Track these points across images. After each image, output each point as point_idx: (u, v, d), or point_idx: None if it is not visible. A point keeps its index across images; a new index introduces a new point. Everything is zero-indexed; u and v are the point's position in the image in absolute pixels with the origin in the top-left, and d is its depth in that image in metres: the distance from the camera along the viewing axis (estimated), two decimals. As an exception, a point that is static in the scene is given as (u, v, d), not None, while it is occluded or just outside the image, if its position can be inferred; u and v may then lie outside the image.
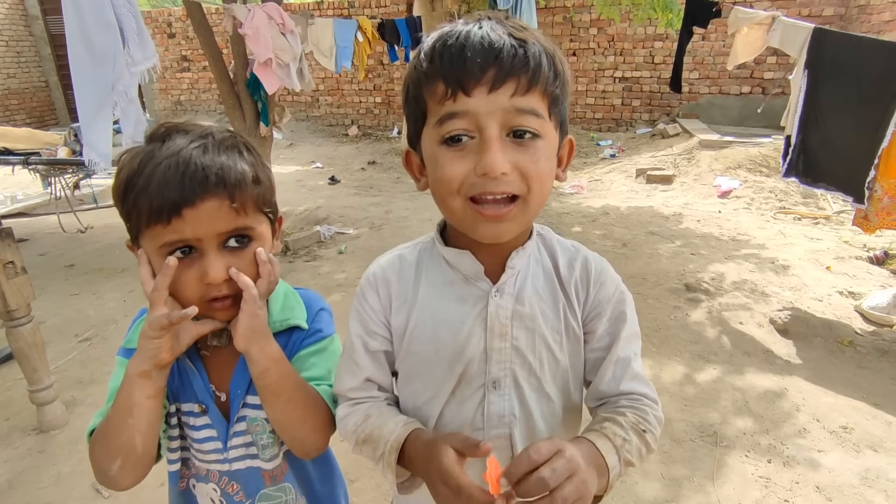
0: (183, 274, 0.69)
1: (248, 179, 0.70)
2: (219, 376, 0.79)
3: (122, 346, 0.79)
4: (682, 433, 2.05)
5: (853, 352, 2.60)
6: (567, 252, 0.74)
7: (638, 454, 0.65)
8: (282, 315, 0.80)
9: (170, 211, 0.65)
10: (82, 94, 2.32)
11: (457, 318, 0.69)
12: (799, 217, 4.75)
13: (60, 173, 4.13)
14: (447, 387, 0.70)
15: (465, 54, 0.58)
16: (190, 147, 0.67)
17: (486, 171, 0.58)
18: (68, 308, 3.18)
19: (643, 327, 2.82)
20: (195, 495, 0.83)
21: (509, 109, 0.58)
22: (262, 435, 0.79)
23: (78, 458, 1.95)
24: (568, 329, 0.71)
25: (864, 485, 1.79)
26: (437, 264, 0.72)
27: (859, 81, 2.82)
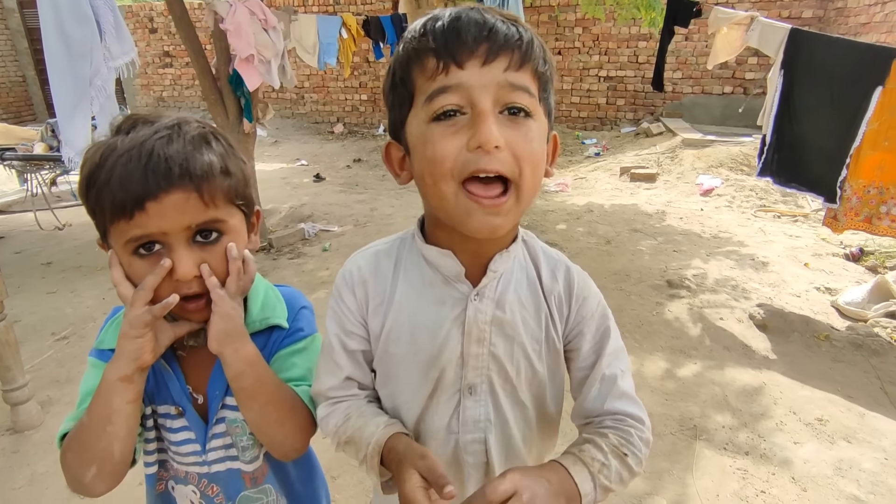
0: (149, 271, 0.66)
1: (216, 170, 0.67)
2: (196, 378, 0.77)
3: (95, 346, 0.76)
4: (662, 427, 2.08)
5: (829, 346, 2.66)
6: (551, 261, 0.72)
7: (618, 479, 0.63)
8: (261, 314, 0.77)
9: (132, 205, 0.62)
10: (59, 90, 2.27)
11: (435, 321, 0.67)
12: (778, 215, 4.84)
13: (37, 169, 4.04)
14: (424, 391, 0.68)
15: (458, 27, 0.57)
16: (154, 138, 0.64)
17: (481, 144, 0.55)
18: (45, 306, 3.12)
19: (626, 323, 2.87)
20: (174, 497, 0.81)
21: (503, 84, 0.57)
22: (241, 437, 0.77)
23: (53, 458, 1.92)
24: (549, 340, 0.70)
25: (837, 475, 1.83)
26: (416, 263, 0.69)
27: (833, 82, 2.88)
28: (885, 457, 1.91)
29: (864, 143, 2.86)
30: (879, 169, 2.87)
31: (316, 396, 0.73)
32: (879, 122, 2.80)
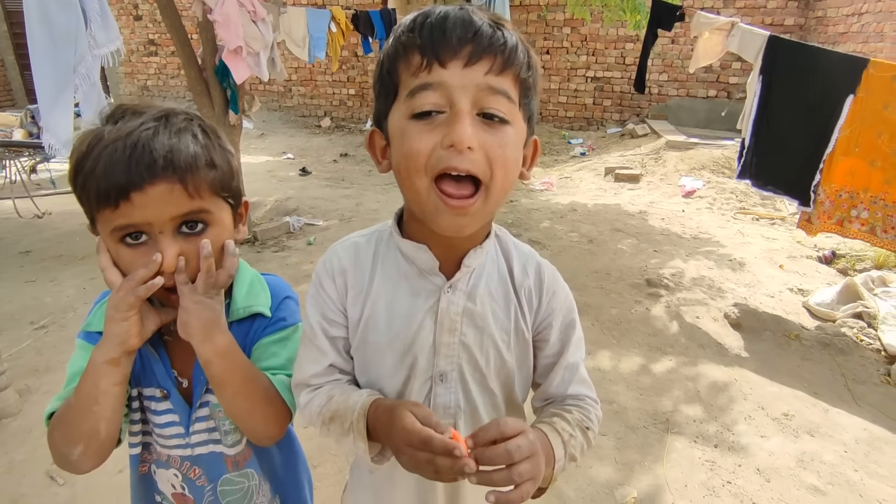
0: (135, 260, 0.67)
1: (201, 162, 0.68)
2: (181, 362, 0.78)
3: (83, 328, 0.78)
4: (636, 420, 2.14)
5: (798, 345, 2.75)
6: (522, 257, 0.75)
7: (580, 450, 0.69)
8: (246, 302, 0.79)
9: (117, 195, 0.64)
10: (41, 77, 2.24)
11: (409, 310, 0.69)
12: (757, 217, 4.95)
13: (16, 156, 3.98)
14: (399, 377, 0.71)
15: (445, 26, 0.58)
16: (140, 129, 0.65)
17: (454, 143, 0.57)
18: (23, 295, 3.09)
19: (605, 320, 2.93)
20: (155, 481, 0.83)
21: (482, 87, 0.58)
22: (224, 421, 0.79)
23: (32, 445, 1.92)
24: (518, 331, 0.73)
25: (800, 466, 1.91)
26: (393, 256, 0.72)
27: (808, 89, 2.96)
28: (845, 450, 1.99)
29: (836, 149, 2.96)
30: (850, 175, 2.97)
31: (297, 386, 0.74)
32: (851, 129, 2.89)
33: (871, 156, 2.88)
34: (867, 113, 2.84)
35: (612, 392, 2.32)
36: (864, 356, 2.64)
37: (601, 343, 2.73)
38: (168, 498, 0.84)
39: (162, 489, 0.84)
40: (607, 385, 2.37)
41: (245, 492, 0.84)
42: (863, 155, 2.90)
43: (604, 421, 2.11)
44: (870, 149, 2.88)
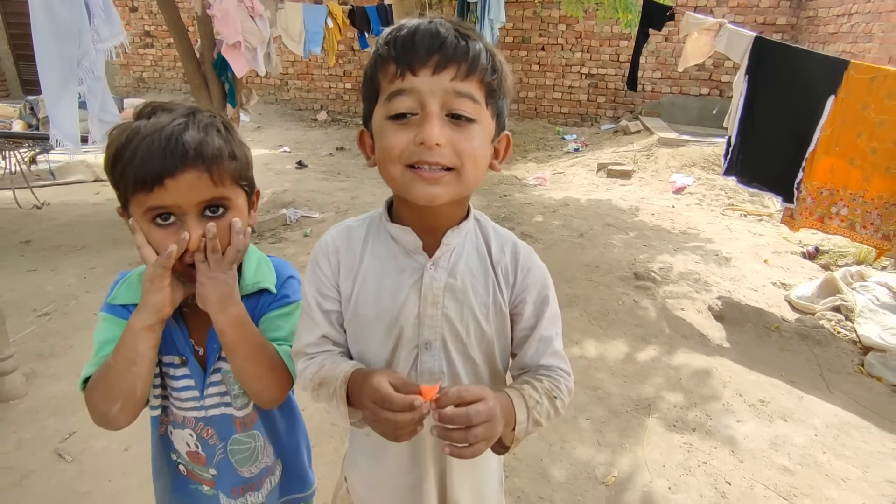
0: (165, 238, 0.77)
1: (225, 154, 0.78)
2: (198, 332, 0.87)
3: (107, 302, 0.86)
4: (619, 405, 2.24)
5: (778, 336, 2.86)
6: (500, 238, 0.83)
7: (547, 416, 0.76)
8: (254, 279, 0.88)
9: (153, 181, 0.73)
10: (46, 71, 2.30)
11: (396, 286, 0.77)
12: (745, 214, 5.06)
13: (16, 147, 4.02)
14: (387, 346, 0.78)
15: (415, 39, 0.67)
16: (172, 124, 0.75)
17: (424, 141, 0.65)
18: (25, 284, 3.15)
19: (592, 311, 3.03)
20: (172, 441, 0.92)
21: (449, 91, 0.66)
22: (234, 385, 0.87)
23: (40, 426, 2.00)
24: (496, 304, 0.79)
25: (772, 449, 2.01)
26: (382, 238, 0.80)
27: (792, 89, 3.06)
28: (815, 433, 2.10)
29: (818, 147, 3.06)
30: (831, 172, 3.07)
31: (295, 354, 0.83)
32: (832, 129, 2.99)
33: (851, 154, 2.99)
34: (847, 113, 2.94)
35: (597, 379, 2.42)
36: (840, 347, 2.75)
37: (588, 333, 2.82)
38: (183, 456, 0.92)
39: (177, 448, 0.92)
40: (593, 372, 2.47)
41: (251, 451, 0.92)
42: (843, 154, 3.00)
43: (588, 405, 2.22)
44: (849, 148, 2.98)
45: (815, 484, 1.85)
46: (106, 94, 2.59)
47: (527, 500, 1.75)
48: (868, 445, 2.06)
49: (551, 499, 1.76)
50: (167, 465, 0.94)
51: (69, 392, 2.19)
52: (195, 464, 0.93)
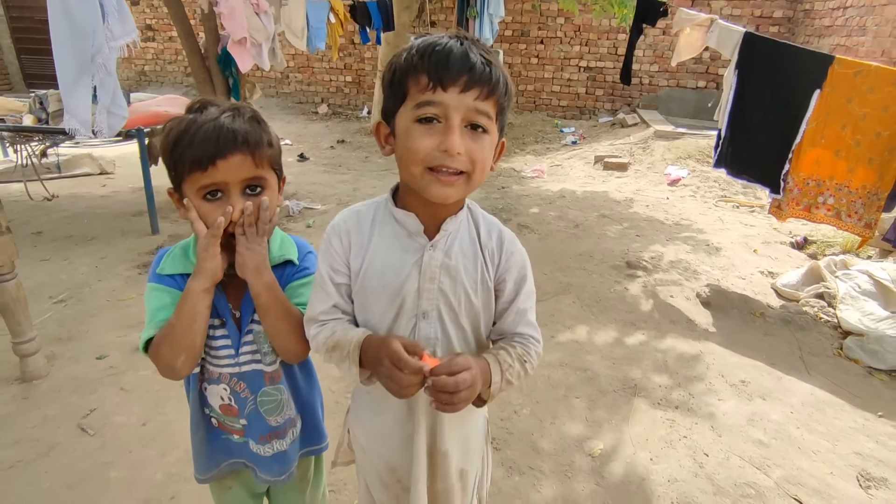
0: (212, 211, 0.91)
1: (264, 142, 0.93)
2: (234, 298, 1.00)
3: (158, 273, 0.99)
4: (606, 385, 2.37)
5: (762, 322, 2.98)
6: (488, 224, 0.95)
7: (517, 377, 0.90)
8: (279, 251, 1.02)
9: (207, 161, 0.88)
10: (62, 65, 2.41)
11: (399, 263, 0.88)
12: (737, 205, 5.17)
13: (27, 141, 4.13)
14: (390, 314, 0.91)
15: (449, 59, 0.77)
16: (223, 116, 0.90)
17: (447, 149, 0.78)
18: (40, 272, 3.27)
19: (585, 298, 3.15)
20: (206, 396, 1.05)
21: (471, 108, 0.78)
22: (264, 344, 1.02)
23: (62, 403, 2.13)
24: (483, 281, 0.92)
25: (749, 424, 2.15)
26: (388, 221, 0.92)
27: (779, 83, 3.16)
28: (791, 411, 2.23)
29: (804, 140, 3.16)
30: (817, 164, 3.18)
31: (307, 321, 0.95)
32: (817, 122, 3.10)
33: (836, 146, 3.09)
34: (832, 107, 3.05)
35: (587, 361, 2.55)
36: (821, 332, 2.88)
37: (580, 319, 2.95)
38: (215, 409, 1.06)
39: (211, 402, 1.05)
40: (583, 355, 2.60)
41: (278, 403, 1.06)
42: (828, 146, 3.11)
43: (578, 385, 2.35)
44: (835, 140, 3.09)
45: (788, 455, 1.98)
46: (116, 89, 2.70)
47: (517, 469, 1.88)
48: (840, 421, 2.19)
49: (540, 468, 1.89)
50: (202, 419, 1.07)
51: (88, 372, 2.33)
52: (226, 416, 1.06)
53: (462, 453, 1.01)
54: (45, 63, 10.05)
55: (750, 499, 1.79)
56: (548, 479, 1.85)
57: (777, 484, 1.85)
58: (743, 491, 1.82)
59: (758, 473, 1.89)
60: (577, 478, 1.86)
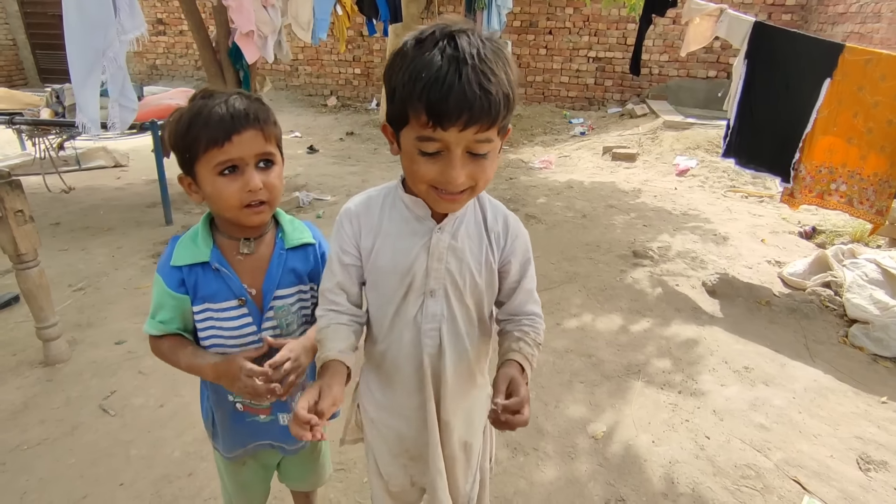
0: (229, 185, 0.96)
1: (271, 120, 1.00)
2: (249, 277, 1.05)
3: (170, 264, 1.02)
4: (611, 370, 2.41)
5: (768, 310, 3.00)
6: (494, 209, 1.00)
7: (535, 358, 0.99)
8: (295, 234, 1.09)
9: (223, 138, 0.93)
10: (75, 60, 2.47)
11: (409, 245, 0.94)
12: (746, 195, 5.15)
13: (44, 134, 4.22)
14: (399, 292, 0.96)
15: (447, 103, 0.73)
16: (231, 98, 0.97)
17: (449, 182, 0.81)
18: (59, 262, 3.37)
19: (591, 287, 3.19)
20: None
21: (471, 140, 0.78)
22: (287, 317, 1.08)
23: (84, 385, 2.21)
24: (486, 262, 0.97)
25: (751, 409, 2.18)
26: (398, 205, 0.97)
27: (789, 73, 3.15)
28: (794, 396, 2.26)
29: (815, 128, 3.16)
30: (829, 151, 3.18)
31: (320, 294, 1.03)
32: (829, 110, 3.09)
33: (848, 134, 3.09)
34: (844, 95, 3.04)
35: (591, 347, 2.59)
36: (827, 320, 2.89)
37: (586, 307, 2.99)
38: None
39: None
40: (588, 341, 2.64)
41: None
42: (840, 133, 3.11)
43: (582, 370, 2.40)
44: (846, 128, 3.08)
45: (788, 439, 2.01)
46: (126, 82, 2.77)
47: (522, 450, 1.94)
48: (842, 407, 2.21)
49: (544, 450, 1.94)
50: (224, 408, 1.12)
51: (107, 357, 2.41)
52: None
53: (465, 426, 1.06)
54: (59, 58, 10.19)
55: (749, 479, 1.83)
56: (551, 459, 1.90)
57: (777, 466, 1.89)
58: (743, 472, 1.86)
59: (758, 456, 1.93)
60: (580, 458, 1.91)
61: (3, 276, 3.14)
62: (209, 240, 1.04)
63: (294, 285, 1.09)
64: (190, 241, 1.04)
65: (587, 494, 1.76)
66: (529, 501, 1.73)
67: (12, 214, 2.04)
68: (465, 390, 1.04)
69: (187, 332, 1.08)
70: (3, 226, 2.06)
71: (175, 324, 1.05)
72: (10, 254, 2.13)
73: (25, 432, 1.96)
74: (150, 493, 1.72)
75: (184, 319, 1.06)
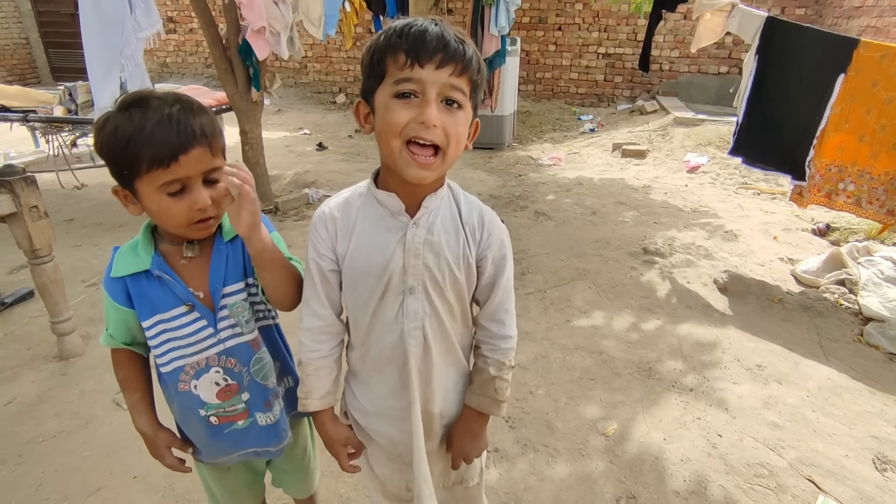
0: (176, 206, 0.91)
1: (217, 132, 0.94)
2: (195, 280, 1.00)
3: (110, 276, 0.99)
4: (621, 368, 2.40)
5: (780, 308, 2.97)
6: (469, 202, 0.99)
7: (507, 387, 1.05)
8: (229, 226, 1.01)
9: (170, 157, 0.87)
10: (93, 58, 2.50)
11: (384, 242, 0.92)
12: (758, 192, 5.10)
13: (57, 131, 4.27)
14: (377, 292, 0.93)
15: (425, 38, 0.80)
16: (174, 110, 0.89)
17: (424, 121, 0.81)
18: (72, 258, 3.41)
19: (601, 284, 3.17)
20: (197, 395, 1.04)
21: (446, 83, 0.82)
22: (242, 313, 1.03)
23: (97, 379, 2.24)
24: (465, 256, 0.95)
25: (764, 407, 2.16)
26: (371, 203, 0.94)
27: (802, 68, 3.11)
28: (808, 395, 2.24)
29: (828, 125, 3.11)
30: (840, 149, 3.13)
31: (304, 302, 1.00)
32: (842, 107, 3.05)
33: (860, 131, 3.04)
34: (857, 91, 2.99)
35: (602, 345, 2.57)
36: (841, 318, 2.86)
37: (596, 304, 2.97)
38: (212, 404, 1.05)
39: (205, 399, 1.04)
40: (599, 339, 2.63)
41: (267, 367, 1.08)
42: (852, 131, 3.06)
43: (593, 368, 2.39)
44: (859, 125, 3.03)
45: (802, 438, 1.99)
46: (144, 79, 2.79)
47: (532, 447, 1.93)
48: (857, 406, 2.19)
49: (555, 447, 1.94)
50: (198, 424, 1.08)
51: (120, 352, 2.43)
52: (226, 400, 1.06)
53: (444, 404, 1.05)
54: (71, 56, 10.30)
55: (763, 478, 1.81)
56: (562, 456, 1.89)
57: (791, 465, 1.87)
58: (756, 471, 1.84)
59: (771, 454, 1.91)
60: (591, 456, 1.90)
61: (18, 272, 3.18)
62: (150, 247, 1.00)
63: (241, 279, 1.04)
64: (130, 251, 1.00)
65: (598, 492, 1.76)
66: (539, 498, 1.73)
67: (27, 210, 2.07)
68: (453, 381, 1.05)
69: (136, 346, 1.06)
70: (18, 221, 2.09)
71: (122, 337, 1.04)
72: (26, 249, 2.15)
73: (41, 425, 1.98)
74: (162, 486, 1.73)
75: (131, 333, 1.04)
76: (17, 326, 2.64)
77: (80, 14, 2.46)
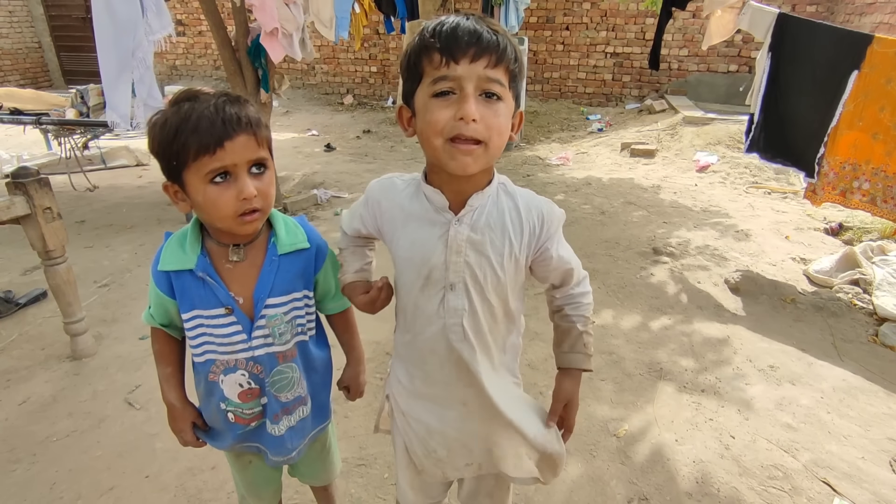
0: (222, 194, 0.92)
1: (262, 123, 0.96)
2: (239, 286, 1.02)
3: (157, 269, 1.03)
4: (632, 368, 2.38)
5: (793, 308, 2.93)
6: (527, 200, 0.98)
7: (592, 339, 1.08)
8: (289, 240, 1.05)
9: (215, 144, 0.89)
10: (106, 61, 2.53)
11: (427, 236, 0.94)
12: (769, 191, 5.05)
13: (69, 134, 4.32)
14: (417, 284, 0.96)
15: (456, 34, 0.81)
16: (219, 101, 0.91)
17: (463, 116, 0.81)
18: (84, 259, 3.44)
19: (611, 284, 3.15)
20: (222, 389, 1.07)
21: (482, 76, 0.81)
22: (279, 325, 1.04)
23: (110, 379, 2.26)
24: (511, 255, 0.94)
25: (777, 409, 2.13)
26: (419, 197, 0.97)
27: (814, 65, 3.07)
28: (822, 396, 2.21)
29: (840, 122, 3.07)
30: (854, 147, 3.09)
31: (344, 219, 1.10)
32: (855, 104, 3.01)
33: (874, 129, 3.00)
34: (871, 88, 2.95)
35: (612, 345, 2.56)
36: (855, 318, 2.82)
37: (606, 304, 2.95)
38: (233, 401, 1.08)
39: (228, 395, 1.07)
40: (609, 339, 2.61)
41: (290, 380, 1.09)
42: (866, 128, 3.02)
43: (603, 368, 2.37)
44: (872, 122, 2.99)
45: (817, 440, 1.97)
46: (153, 82, 2.81)
47: (543, 448, 1.92)
48: (873, 407, 2.15)
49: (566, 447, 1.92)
50: (217, 414, 1.11)
51: (132, 352, 2.46)
52: (246, 403, 1.08)
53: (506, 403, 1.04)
54: (82, 59, 10.42)
55: (777, 480, 1.79)
56: (573, 456, 1.88)
57: (805, 467, 1.84)
58: (770, 473, 1.82)
59: (785, 456, 1.89)
60: (602, 457, 1.88)
61: (31, 273, 3.22)
62: (197, 245, 1.01)
63: (287, 293, 1.05)
64: (177, 246, 1.01)
65: (609, 493, 1.74)
66: (551, 499, 1.72)
67: (41, 212, 2.09)
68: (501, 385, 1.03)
69: (173, 329, 1.10)
70: (32, 223, 2.11)
71: (161, 319, 1.08)
72: (39, 250, 2.17)
73: (54, 424, 2.00)
74: (174, 486, 1.74)
75: (169, 317, 1.08)
76: (31, 327, 2.67)
77: (94, 17, 2.48)
